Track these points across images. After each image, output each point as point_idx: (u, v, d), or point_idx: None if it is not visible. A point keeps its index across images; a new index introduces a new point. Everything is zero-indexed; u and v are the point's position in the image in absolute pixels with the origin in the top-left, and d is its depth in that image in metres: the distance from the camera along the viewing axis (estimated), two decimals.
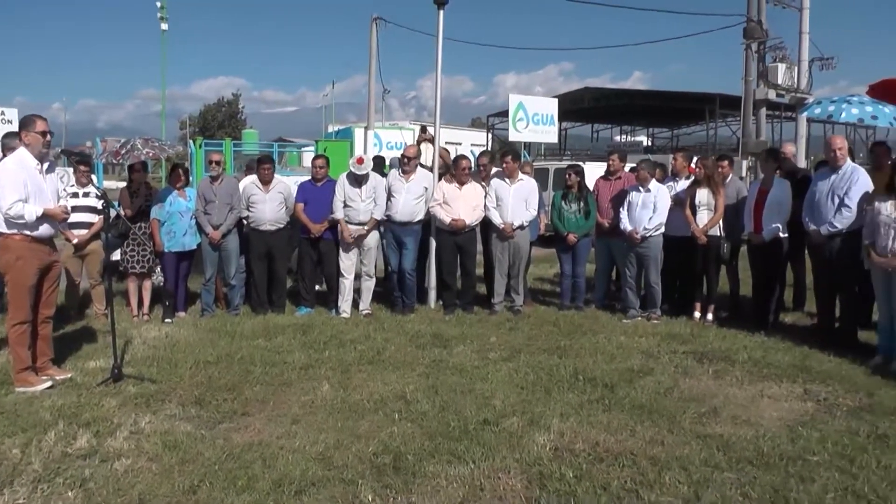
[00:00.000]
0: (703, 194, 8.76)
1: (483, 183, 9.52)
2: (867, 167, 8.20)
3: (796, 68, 25.95)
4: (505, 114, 24.71)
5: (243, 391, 6.12)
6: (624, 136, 60.00)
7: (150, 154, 9.11)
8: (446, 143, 17.97)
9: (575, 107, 44.67)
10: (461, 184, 9.23)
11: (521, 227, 9.28)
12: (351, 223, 9.07)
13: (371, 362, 7.01)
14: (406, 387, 6.22)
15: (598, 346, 7.61)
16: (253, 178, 9.49)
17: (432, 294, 9.75)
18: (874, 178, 7.61)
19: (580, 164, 10.81)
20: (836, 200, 7.62)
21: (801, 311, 9.45)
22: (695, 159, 9.51)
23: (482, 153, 10.94)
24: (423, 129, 10.65)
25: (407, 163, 9.32)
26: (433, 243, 9.49)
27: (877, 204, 7.11)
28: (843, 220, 7.55)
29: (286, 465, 4.62)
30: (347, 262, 9.20)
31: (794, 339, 7.87)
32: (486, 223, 9.43)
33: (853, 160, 8.02)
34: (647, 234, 8.79)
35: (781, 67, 25.47)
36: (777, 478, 4.53)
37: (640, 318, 8.95)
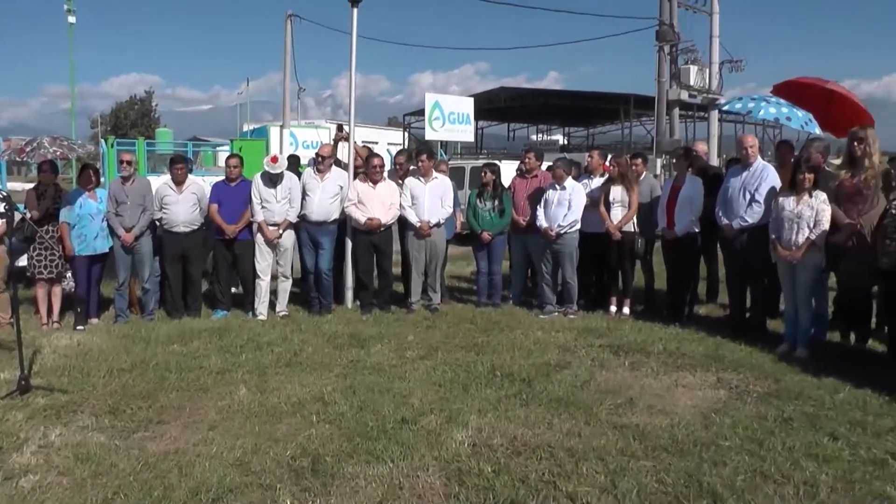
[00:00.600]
0: (617, 191, 8.91)
1: (400, 181, 9.49)
2: (774, 164, 8.50)
3: (707, 70, 26.71)
4: (421, 113, 24.78)
5: (158, 398, 5.95)
6: (540, 135, 60.70)
7: (58, 153, 8.77)
8: (363, 142, 17.85)
9: (491, 106, 44.99)
10: (375, 182, 9.17)
11: (437, 226, 9.29)
12: (267, 224, 8.93)
13: (288, 364, 6.92)
14: (324, 388, 6.15)
15: (515, 342, 7.66)
16: (166, 178, 9.24)
17: (349, 294, 9.68)
18: (781, 176, 7.89)
19: (495, 162, 10.86)
20: (748, 196, 7.86)
21: (715, 303, 9.70)
22: (609, 157, 9.66)
23: (399, 152, 10.91)
24: (340, 128, 10.53)
25: (321, 161, 9.23)
26: (349, 243, 9.41)
27: (780, 199, 7.37)
28: (753, 215, 7.79)
29: (203, 473, 4.51)
30: (263, 263, 9.05)
31: (707, 330, 8.08)
32: (402, 221, 9.41)
33: (763, 158, 8.31)
34: (563, 231, 8.88)
35: (693, 69, 26.20)
36: (691, 463, 4.66)
37: (556, 314, 9.03)
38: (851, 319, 7.71)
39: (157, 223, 9.06)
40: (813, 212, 7.12)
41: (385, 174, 9.44)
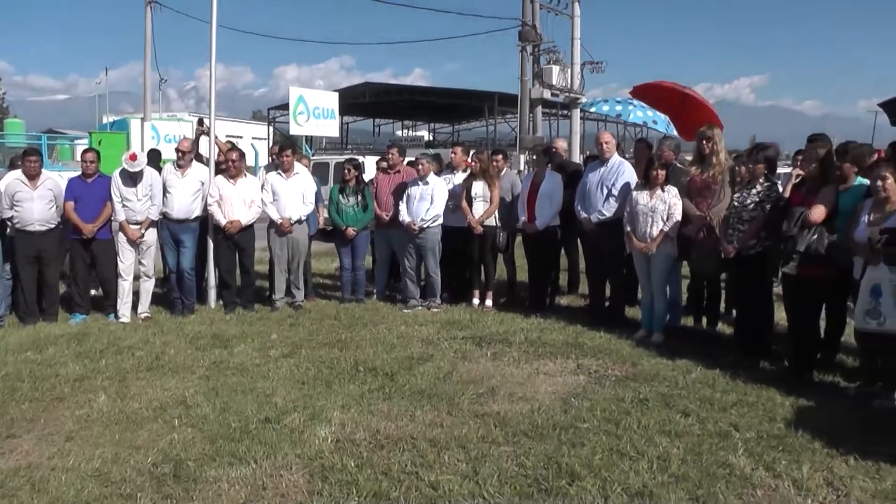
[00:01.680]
0: (478, 186, 9.03)
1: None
2: (632, 160, 8.87)
3: (569, 70, 27.41)
4: (286, 107, 24.35)
5: (9, 411, 5.59)
6: (406, 131, 60.94)
7: None
8: (226, 136, 17.39)
9: (356, 101, 44.89)
10: (234, 178, 8.97)
11: (299, 222, 9.16)
12: (129, 223, 8.57)
13: (150, 368, 6.67)
14: (186, 391, 5.99)
15: (378, 337, 7.68)
16: (17, 173, 8.57)
17: (212, 293, 9.43)
18: (638, 172, 8.22)
19: (357, 158, 10.81)
20: (605, 191, 8.16)
21: (575, 294, 9.99)
22: (471, 153, 9.79)
23: (275, 145, 10.68)
24: (200, 122, 10.13)
25: (181, 157, 8.94)
26: (211, 241, 9.17)
27: (634, 194, 7.71)
28: (610, 209, 8.09)
29: (59, 488, 4.29)
30: (125, 262, 8.64)
31: (568, 320, 8.33)
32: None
33: (623, 155, 8.64)
34: (426, 226, 8.94)
35: (555, 69, 26.81)
36: (550, 446, 4.81)
37: (420, 308, 9.10)
38: (703, 305, 8.12)
39: (8, 222, 8.49)
40: (665, 206, 7.48)
41: (244, 170, 9.23)
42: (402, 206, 9.12)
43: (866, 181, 6.26)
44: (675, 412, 5.48)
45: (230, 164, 8.95)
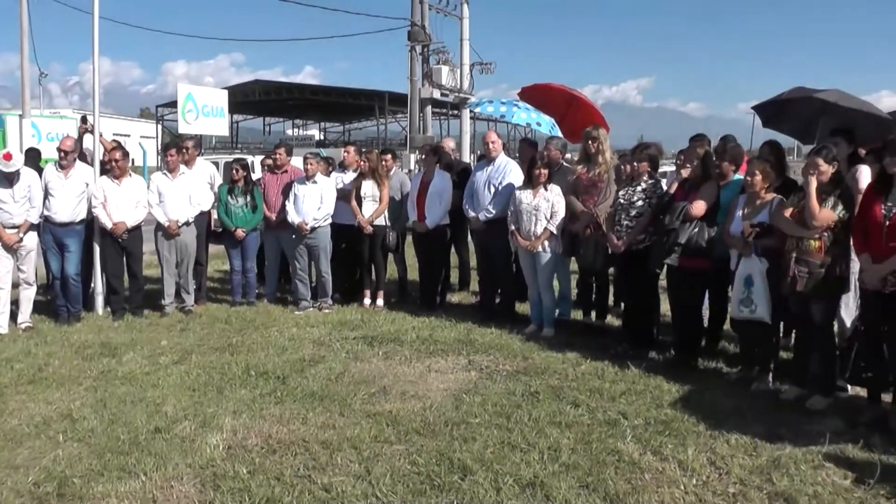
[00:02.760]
0: (368, 186, 8.99)
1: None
2: (518, 160, 9.02)
3: (459, 71, 27.61)
4: (175, 104, 23.64)
5: None
6: (296, 130, 60.32)
7: None
8: (113, 134, 16.73)
9: (246, 99, 44.22)
10: (119, 179, 8.65)
11: (187, 224, 8.91)
12: (5, 227, 8.09)
13: (32, 381, 6.33)
14: (72, 404, 5.73)
15: (270, 340, 7.55)
16: None
17: (99, 300, 9.03)
18: (523, 171, 8.35)
19: (245, 157, 10.58)
20: (493, 189, 8.26)
21: (466, 291, 10.06)
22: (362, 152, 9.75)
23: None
24: (84, 119, 9.64)
25: (64, 157, 8.50)
26: (97, 245, 8.79)
27: (518, 193, 7.85)
28: (498, 207, 8.19)
29: None
30: (2, 269, 8.14)
31: (459, 317, 8.38)
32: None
33: (512, 155, 8.78)
34: (316, 226, 8.85)
35: (445, 69, 26.95)
36: (442, 442, 4.85)
37: (311, 309, 9.00)
38: (591, 299, 8.32)
39: None
40: (549, 204, 7.64)
41: (130, 170, 8.91)
42: (290, 206, 8.99)
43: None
44: (566, 403, 5.63)
45: (114, 163, 8.61)
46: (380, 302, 9.19)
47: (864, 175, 6.17)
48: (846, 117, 6.88)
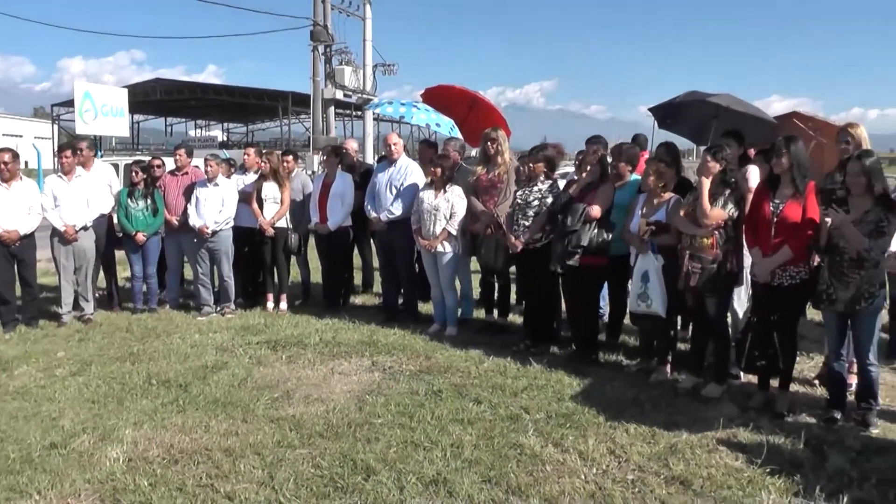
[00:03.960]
0: (269, 188, 8.92)
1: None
2: (419, 161, 9.10)
3: (362, 72, 27.60)
4: (72, 103, 22.86)
5: None
6: (199, 131, 59.15)
7: None
8: (3, 135, 16.04)
9: (147, 98, 43.11)
10: (8, 182, 8.29)
11: (84, 228, 8.63)
12: None
13: None
14: None
15: (172, 348, 7.41)
16: None
17: None
18: (426, 172, 8.47)
19: (144, 159, 10.30)
20: (395, 190, 8.33)
21: (370, 292, 10.09)
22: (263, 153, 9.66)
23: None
24: None
25: None
26: None
27: (420, 194, 7.94)
28: (399, 208, 8.26)
29: None
30: None
31: (363, 318, 8.40)
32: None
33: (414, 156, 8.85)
34: (218, 229, 8.74)
35: (348, 70, 26.95)
36: (346, 444, 4.89)
37: (214, 314, 8.88)
38: (493, 297, 8.41)
39: None
40: (448, 205, 7.75)
41: (21, 174, 8.57)
42: (192, 209, 8.84)
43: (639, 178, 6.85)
44: (468, 401, 5.74)
45: (2, 166, 8.26)
46: (283, 305, 9.14)
47: (753, 174, 6.53)
48: (736, 120, 7.24)
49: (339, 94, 26.85)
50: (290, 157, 9.61)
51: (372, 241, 9.42)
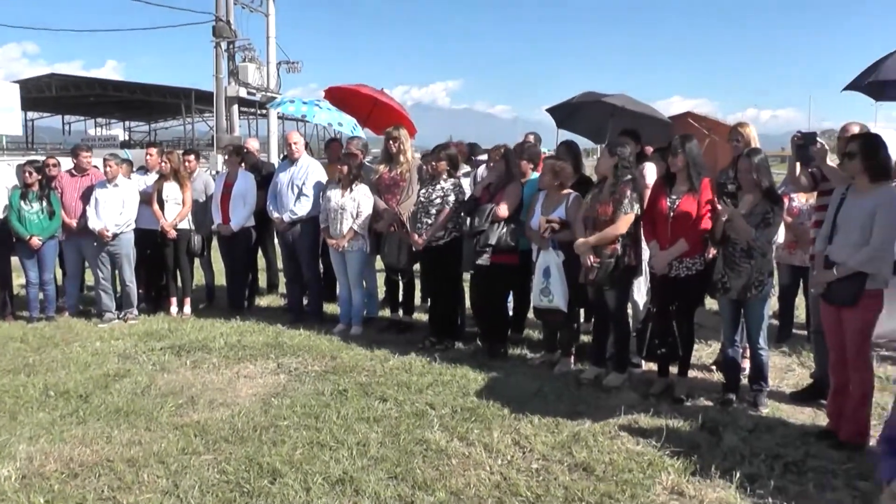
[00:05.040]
0: (170, 188, 8.74)
1: None
2: (324, 160, 9.07)
3: (266, 69, 27.22)
4: None
5: None
6: (99, 129, 57.36)
7: None
8: None
9: (41, 94, 41.42)
10: None
11: None
12: None
13: None
14: None
15: (71, 357, 7.18)
16: None
17: None
18: (329, 171, 8.49)
19: (38, 159, 9.93)
20: (296, 190, 8.30)
21: (275, 294, 9.99)
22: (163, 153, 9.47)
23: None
24: None
25: None
26: None
27: (327, 192, 7.94)
28: (302, 208, 8.24)
29: None
30: None
31: (268, 320, 8.34)
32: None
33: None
34: (118, 232, 8.51)
35: (251, 67, 26.51)
36: (251, 448, 4.88)
37: (116, 321, 8.65)
38: (398, 295, 8.44)
39: None
40: (355, 203, 7.77)
41: None
42: (91, 211, 8.58)
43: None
44: (374, 399, 5.80)
45: None
46: (187, 309, 8.97)
47: (650, 172, 6.83)
48: (632, 120, 7.49)
49: (243, 92, 26.41)
50: (192, 157, 9.44)
51: (276, 241, 9.36)
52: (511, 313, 7.80)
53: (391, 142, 7.93)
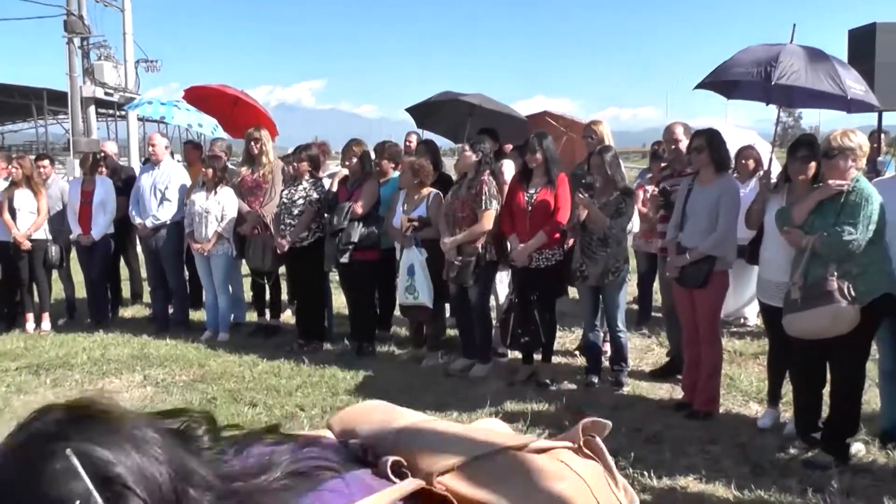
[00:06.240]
0: (22, 196, 8.29)
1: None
2: (184, 163, 8.88)
3: (123, 68, 26.27)
4: None
5: None
6: None
7: None
8: None
9: None
10: None
11: None
12: None
13: None
14: None
15: None
16: None
17: None
18: (190, 173, 8.42)
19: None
20: (159, 194, 8.10)
21: (140, 303, 9.63)
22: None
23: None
24: None
25: None
26: None
27: (192, 196, 7.83)
28: (165, 212, 8.07)
29: None
30: None
31: (133, 331, 8.09)
32: None
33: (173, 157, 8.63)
34: None
35: (108, 66, 25.52)
36: None
37: None
38: (265, 299, 8.29)
39: None
40: (220, 206, 7.66)
41: None
42: None
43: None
44: (243, 405, 5.78)
45: None
46: (45, 325, 8.52)
47: (508, 168, 7.12)
48: (490, 119, 7.68)
49: (100, 93, 25.35)
50: (46, 162, 8.99)
51: (138, 248, 9.08)
52: (377, 311, 7.87)
53: (252, 143, 7.85)
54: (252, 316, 8.46)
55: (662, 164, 7.12)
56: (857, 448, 4.74)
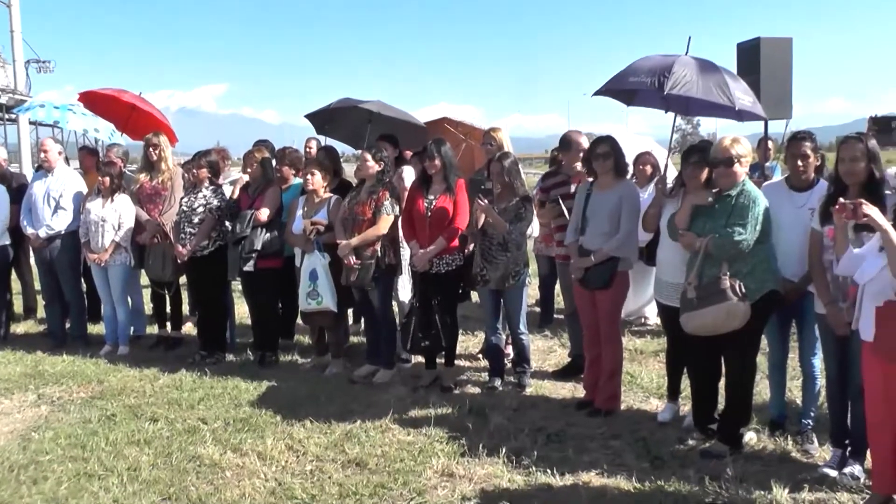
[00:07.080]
0: None
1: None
2: (79, 170, 8.62)
3: (12, 68, 25.25)
4: None
5: None
6: None
7: None
8: None
9: None
10: None
11: None
12: None
13: None
14: None
15: None
16: None
17: None
18: (86, 181, 8.17)
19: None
20: (54, 203, 7.80)
21: (34, 318, 9.23)
22: None
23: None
24: None
25: None
26: None
27: (87, 204, 7.60)
28: (60, 222, 7.76)
29: None
30: None
31: (26, 348, 7.76)
32: None
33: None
34: None
35: None
36: (7, 491, 4.57)
37: None
38: (165, 310, 8.00)
39: None
40: (117, 214, 7.47)
41: None
42: None
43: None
44: (144, 420, 5.64)
45: None
46: None
47: (408, 174, 7.19)
48: (389, 125, 7.72)
49: None
50: None
51: (32, 259, 8.73)
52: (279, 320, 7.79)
53: (151, 149, 7.69)
54: (153, 328, 8.25)
55: (549, 170, 7.34)
56: (750, 437, 5.07)
